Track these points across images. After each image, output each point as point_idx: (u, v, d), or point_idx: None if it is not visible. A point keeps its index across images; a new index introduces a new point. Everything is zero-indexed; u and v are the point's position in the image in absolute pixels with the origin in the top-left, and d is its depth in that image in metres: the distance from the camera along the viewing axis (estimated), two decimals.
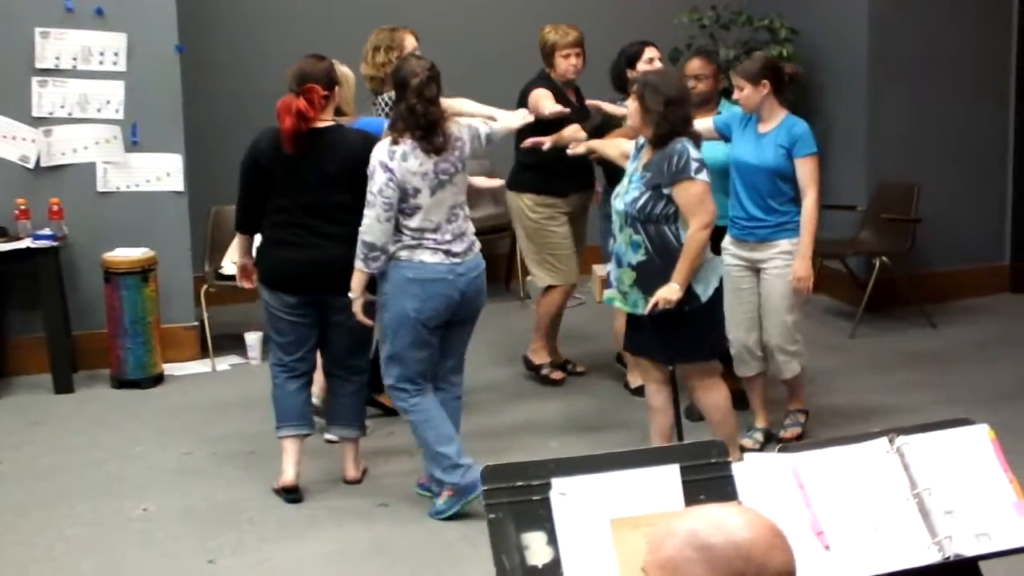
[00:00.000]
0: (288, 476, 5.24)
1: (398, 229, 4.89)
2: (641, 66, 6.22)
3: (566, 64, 6.42)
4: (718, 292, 5.05)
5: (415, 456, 5.30)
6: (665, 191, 4.89)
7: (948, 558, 2.60)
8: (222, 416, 6.32)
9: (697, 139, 5.05)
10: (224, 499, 5.34)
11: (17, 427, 6.24)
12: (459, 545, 4.79)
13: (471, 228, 5.09)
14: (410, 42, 6.17)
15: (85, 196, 6.93)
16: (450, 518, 4.99)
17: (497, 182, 6.01)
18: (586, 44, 6.55)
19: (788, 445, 2.81)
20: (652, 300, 4.90)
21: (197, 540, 4.95)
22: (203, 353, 7.21)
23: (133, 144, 6.99)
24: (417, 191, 4.86)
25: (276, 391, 5.29)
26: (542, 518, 2.48)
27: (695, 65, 6.01)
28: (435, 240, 4.92)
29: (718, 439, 2.65)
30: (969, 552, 2.62)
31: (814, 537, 2.58)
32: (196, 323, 7.25)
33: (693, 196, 4.87)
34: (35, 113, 6.83)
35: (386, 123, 5.12)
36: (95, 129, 6.92)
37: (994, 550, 2.64)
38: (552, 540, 2.47)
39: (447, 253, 4.93)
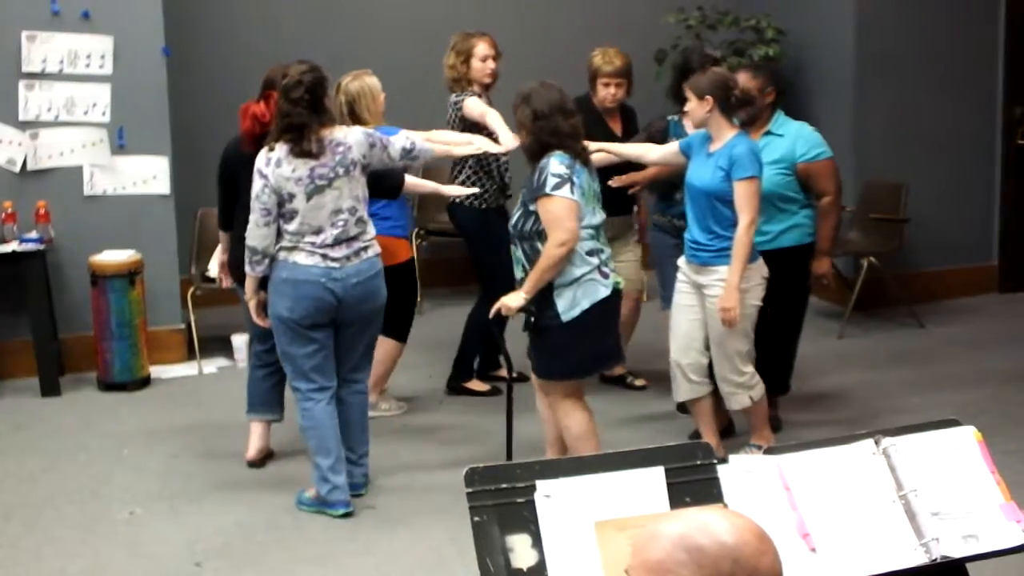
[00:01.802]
0: (249, 452, 5.68)
1: (280, 233, 4.93)
2: None
3: (604, 92, 6.26)
4: (588, 316, 4.87)
5: (400, 458, 5.29)
6: (531, 208, 4.85)
7: (935, 560, 2.59)
8: (209, 419, 6.31)
9: (582, 155, 4.90)
10: (211, 502, 5.33)
11: (3, 430, 6.22)
12: (446, 547, 4.78)
13: (367, 233, 5.02)
14: (481, 49, 6.22)
15: (72, 199, 6.92)
16: (438, 519, 4.99)
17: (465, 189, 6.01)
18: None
19: (774, 447, 2.80)
20: (496, 305, 4.93)
21: (184, 543, 4.94)
22: (190, 356, 7.21)
23: (120, 147, 6.98)
24: (292, 196, 4.86)
25: (248, 376, 5.72)
26: (527, 520, 2.48)
27: (740, 79, 5.51)
28: (313, 243, 4.91)
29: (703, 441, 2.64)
30: (956, 554, 2.61)
31: (800, 539, 2.58)
32: (183, 325, 7.25)
33: (549, 213, 4.79)
34: (22, 117, 6.81)
35: (398, 132, 5.17)
36: (82, 132, 6.91)
37: (981, 552, 2.64)
38: (537, 542, 2.46)
39: (324, 257, 4.91)
